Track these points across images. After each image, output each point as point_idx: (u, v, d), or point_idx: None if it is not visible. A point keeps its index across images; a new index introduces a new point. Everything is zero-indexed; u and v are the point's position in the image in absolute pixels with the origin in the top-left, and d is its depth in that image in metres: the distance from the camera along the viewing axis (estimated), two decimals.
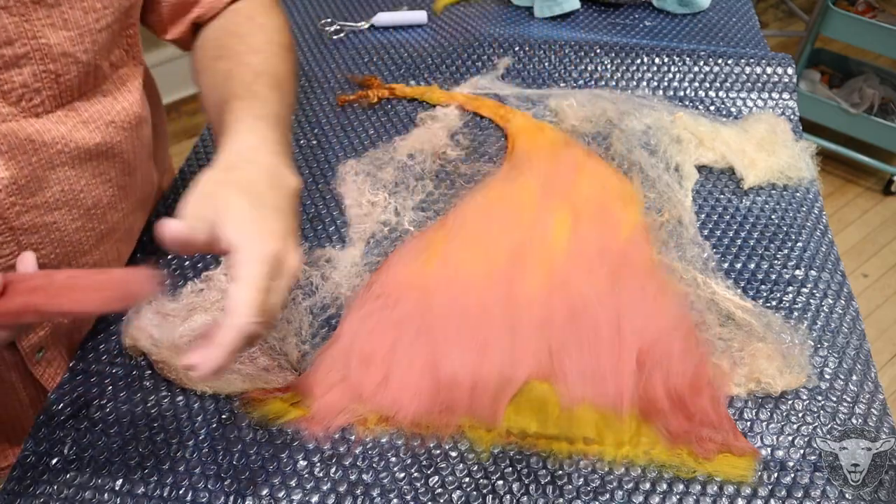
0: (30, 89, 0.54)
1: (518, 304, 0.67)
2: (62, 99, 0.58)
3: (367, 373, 0.63)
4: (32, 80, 0.54)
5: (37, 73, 0.54)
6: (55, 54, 0.55)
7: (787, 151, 0.87)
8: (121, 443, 0.61)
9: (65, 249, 0.63)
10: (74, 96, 0.59)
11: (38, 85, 0.54)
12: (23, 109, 0.55)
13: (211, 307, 0.67)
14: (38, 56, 0.54)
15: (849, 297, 0.73)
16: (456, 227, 0.75)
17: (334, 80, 1.02)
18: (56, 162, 0.58)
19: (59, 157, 0.59)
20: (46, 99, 0.56)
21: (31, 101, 0.55)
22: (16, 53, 0.52)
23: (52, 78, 0.55)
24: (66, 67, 0.56)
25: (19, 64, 0.53)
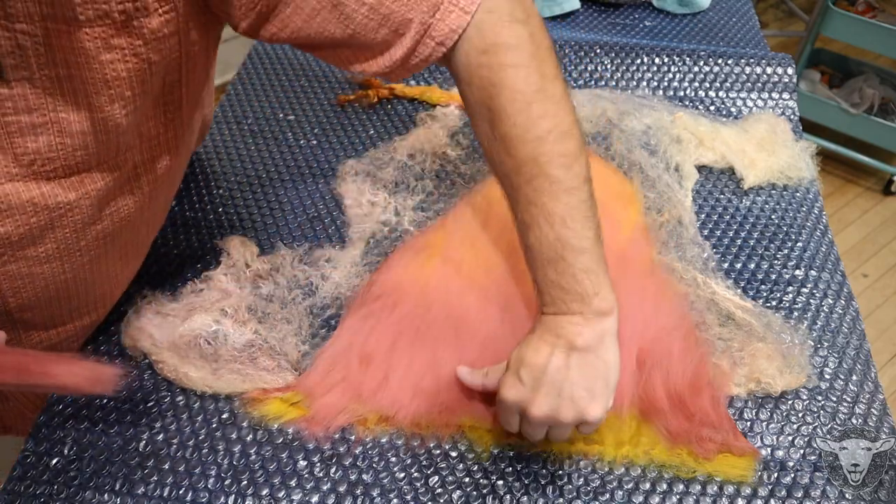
0: (42, 157, 0.52)
1: (518, 303, 0.67)
2: (77, 168, 0.55)
3: (367, 373, 0.63)
4: (47, 149, 0.52)
5: (52, 144, 0.52)
6: (73, 131, 0.52)
7: (787, 151, 0.87)
8: (121, 443, 0.61)
9: (46, 295, 0.60)
10: (91, 167, 0.55)
11: (52, 155, 0.52)
12: (33, 172, 0.52)
13: (211, 307, 0.67)
14: (55, 129, 0.51)
15: (849, 297, 0.73)
16: (456, 227, 0.75)
17: (334, 80, 1.02)
18: (56, 225, 0.56)
19: (61, 221, 0.56)
20: (60, 167, 0.53)
21: (42, 166, 0.52)
22: (33, 122, 0.50)
23: (67, 151, 0.53)
24: (84, 143, 0.53)
25: (35, 132, 0.50)
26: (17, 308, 0.59)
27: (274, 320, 0.67)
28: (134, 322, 0.66)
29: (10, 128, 0.49)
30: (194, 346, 0.64)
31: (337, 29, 0.56)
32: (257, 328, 0.66)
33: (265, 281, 0.71)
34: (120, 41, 0.49)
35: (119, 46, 0.50)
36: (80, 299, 0.63)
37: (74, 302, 0.63)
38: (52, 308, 0.62)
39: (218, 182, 0.85)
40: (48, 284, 0.59)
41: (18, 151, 0.51)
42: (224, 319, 0.66)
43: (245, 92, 1.01)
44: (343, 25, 0.56)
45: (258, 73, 1.04)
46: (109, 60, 0.50)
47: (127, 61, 0.51)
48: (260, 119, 0.95)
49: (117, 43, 0.49)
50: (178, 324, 0.65)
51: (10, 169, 0.51)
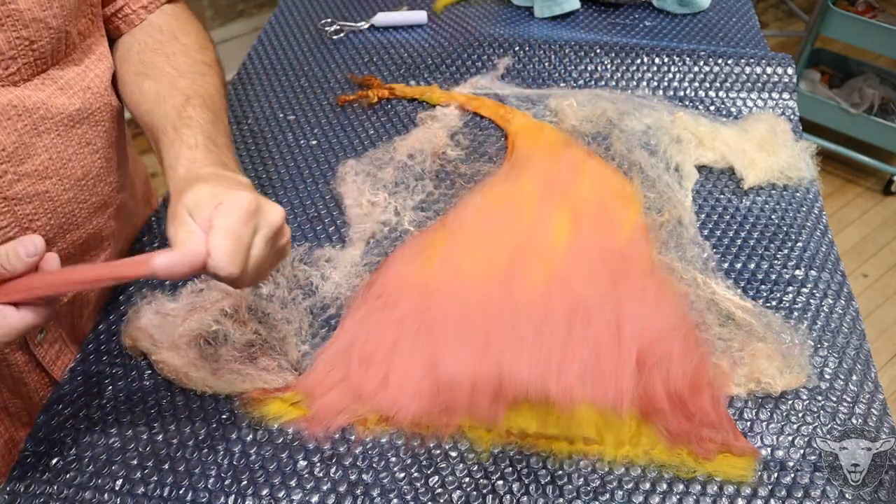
0: (5, 57, 0.57)
1: (518, 303, 0.67)
2: (37, 66, 0.60)
3: (367, 373, 0.63)
4: (7, 47, 0.56)
5: (11, 41, 0.56)
6: (27, 20, 0.57)
7: (787, 151, 0.87)
8: (121, 443, 0.61)
9: (59, 220, 0.65)
10: (49, 63, 0.61)
11: (13, 52, 0.57)
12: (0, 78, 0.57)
13: (211, 307, 0.67)
14: (10, 22, 0.56)
15: (849, 297, 0.73)
16: (456, 227, 0.75)
17: (334, 80, 1.02)
18: (41, 128, 0.61)
19: (43, 124, 0.61)
20: (22, 67, 0.58)
21: (7, 69, 0.57)
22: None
23: (25, 45, 0.58)
24: (39, 33, 0.58)
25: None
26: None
27: (274, 320, 0.67)
28: (134, 322, 0.66)
29: None
30: (194, 346, 0.64)
31: None
32: (257, 328, 0.66)
33: (265, 281, 0.71)
34: None
35: None
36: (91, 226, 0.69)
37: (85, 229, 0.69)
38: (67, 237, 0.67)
39: None
40: (55, 207, 0.64)
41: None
42: (224, 319, 0.66)
43: (245, 92, 1.01)
44: None
45: (258, 73, 1.04)
46: None
47: None
48: (260, 119, 0.95)
49: None
50: (178, 324, 0.65)
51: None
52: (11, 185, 0.60)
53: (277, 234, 0.54)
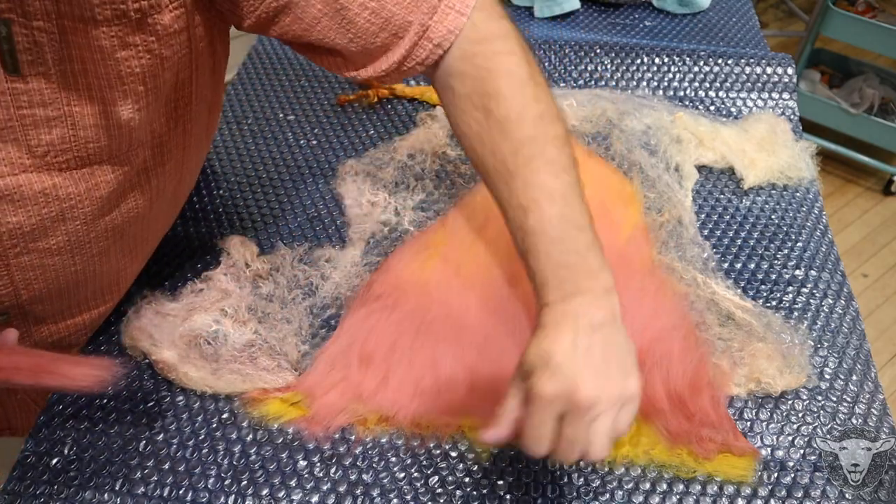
0: (56, 149, 0.53)
1: (518, 303, 0.67)
2: (88, 160, 0.55)
3: (367, 373, 0.63)
4: (60, 141, 0.52)
5: (65, 137, 0.52)
6: (86, 124, 0.53)
7: (787, 151, 0.87)
8: (121, 443, 0.61)
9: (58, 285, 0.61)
10: (103, 160, 0.56)
11: (65, 146, 0.53)
12: (46, 164, 0.53)
13: (211, 307, 0.67)
14: (69, 122, 0.52)
15: (849, 297, 0.73)
16: (456, 227, 0.75)
17: (334, 80, 1.02)
18: (67, 216, 0.57)
19: (72, 213, 0.57)
20: (72, 159, 0.54)
21: (55, 157, 0.53)
22: (47, 115, 0.51)
23: (80, 143, 0.54)
24: (97, 136, 0.54)
25: (49, 125, 0.51)
26: (28, 301, 0.60)
27: (274, 320, 0.67)
28: (134, 322, 0.66)
29: (24, 120, 0.50)
30: (194, 346, 0.64)
31: (338, 35, 0.56)
32: (257, 328, 0.66)
33: (265, 281, 0.71)
34: (135, 39, 0.50)
35: (134, 44, 0.50)
36: (89, 292, 0.64)
37: (83, 294, 0.64)
38: (62, 300, 0.63)
39: (218, 182, 0.85)
40: (58, 276, 0.60)
41: (32, 143, 0.52)
42: (224, 319, 0.66)
43: (245, 92, 1.01)
44: (344, 31, 0.56)
45: (258, 73, 1.04)
46: (124, 58, 0.50)
47: (140, 58, 0.51)
48: (260, 119, 0.95)
49: (132, 41, 0.50)
50: (178, 324, 0.65)
51: (23, 160, 0.52)
52: (18, 257, 0.56)
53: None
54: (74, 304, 0.64)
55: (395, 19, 0.56)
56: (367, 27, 0.56)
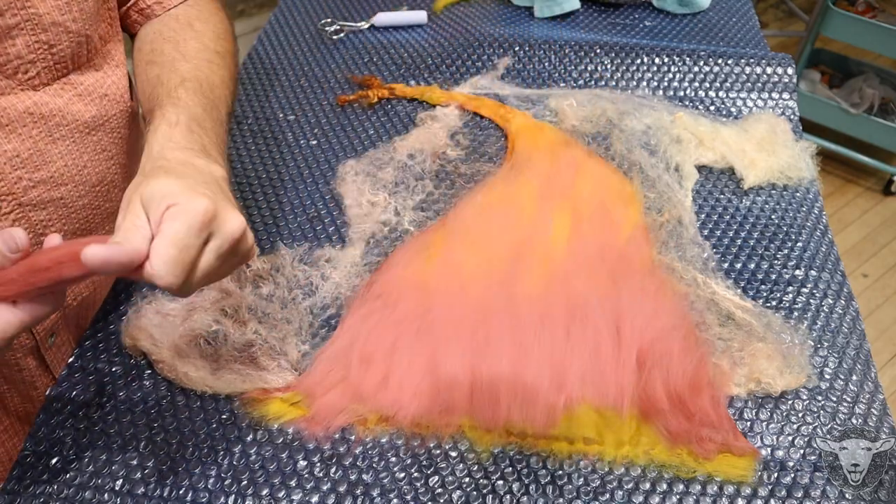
0: (24, 61, 0.55)
1: (518, 303, 0.67)
2: (57, 71, 0.59)
3: (367, 373, 0.63)
4: (26, 51, 0.55)
5: (30, 44, 0.55)
6: (46, 24, 0.56)
7: (787, 151, 0.87)
8: (121, 443, 0.61)
9: (74, 226, 0.64)
10: (69, 68, 0.60)
11: (32, 56, 0.56)
12: (19, 82, 0.56)
13: (211, 307, 0.67)
14: (29, 27, 0.55)
15: (849, 297, 0.73)
16: (456, 227, 0.75)
17: (334, 80, 1.02)
18: (56, 135, 0.60)
19: (59, 131, 0.60)
20: (42, 71, 0.57)
21: (26, 73, 0.56)
22: (7, 24, 0.53)
23: (45, 49, 0.57)
24: (58, 37, 0.57)
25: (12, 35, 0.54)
26: None
27: (274, 320, 0.67)
28: (134, 322, 0.66)
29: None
30: (194, 346, 0.64)
31: None
32: (257, 328, 0.66)
33: (265, 281, 0.71)
34: None
35: None
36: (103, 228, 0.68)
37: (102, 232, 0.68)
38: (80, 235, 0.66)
39: None
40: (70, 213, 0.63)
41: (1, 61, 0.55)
42: (224, 319, 0.66)
43: (245, 92, 1.01)
44: None
45: (258, 73, 1.04)
46: None
47: None
48: (260, 119, 0.95)
49: None
50: (178, 323, 0.65)
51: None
52: (26, 192, 0.59)
53: (235, 245, 0.50)
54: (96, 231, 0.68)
55: None
56: None
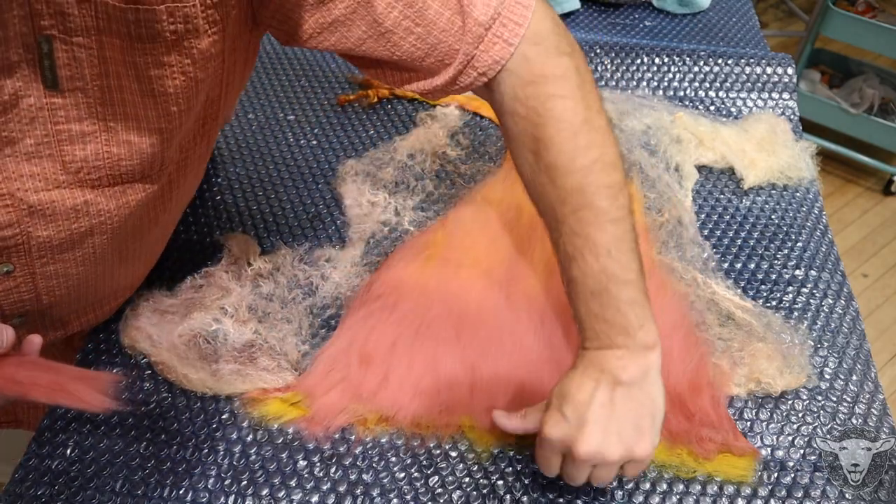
0: (89, 165, 0.53)
1: (518, 303, 0.67)
2: (121, 179, 0.56)
3: (367, 373, 0.63)
4: (94, 157, 0.53)
5: (99, 153, 0.53)
6: (120, 140, 0.53)
7: (787, 151, 0.87)
8: (121, 444, 0.61)
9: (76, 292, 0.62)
10: (134, 179, 0.57)
11: (98, 163, 0.54)
12: (80, 180, 0.54)
13: (211, 305, 0.66)
14: (103, 138, 0.53)
15: (849, 297, 0.73)
16: (456, 227, 0.75)
17: (334, 80, 1.02)
18: (96, 231, 0.58)
19: (101, 228, 0.58)
20: (105, 176, 0.55)
21: (88, 174, 0.54)
22: (83, 131, 0.51)
23: (113, 161, 0.54)
24: (129, 154, 0.55)
25: (84, 141, 0.52)
26: (48, 305, 0.60)
27: (274, 320, 0.67)
28: (132, 322, 0.66)
29: (60, 136, 0.51)
30: (193, 346, 0.64)
31: (383, 54, 0.57)
32: (257, 328, 0.66)
33: (265, 280, 0.71)
34: (170, 59, 0.50)
35: (168, 64, 0.51)
36: (106, 292, 0.65)
37: (100, 295, 0.65)
38: (79, 302, 0.64)
39: (218, 182, 0.85)
40: (80, 283, 0.61)
41: (67, 159, 0.52)
42: (224, 318, 0.66)
43: (245, 92, 1.01)
44: (389, 52, 0.56)
45: (258, 73, 1.04)
46: (157, 76, 0.51)
47: (175, 78, 0.52)
48: (260, 119, 0.95)
49: (166, 60, 0.50)
50: (178, 322, 0.65)
51: (57, 176, 0.53)
52: (44, 266, 0.57)
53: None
54: (89, 305, 0.65)
55: (441, 47, 0.56)
56: (412, 51, 0.56)
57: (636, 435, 0.53)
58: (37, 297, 0.59)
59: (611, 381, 0.54)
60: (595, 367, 0.54)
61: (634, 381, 0.54)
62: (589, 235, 0.55)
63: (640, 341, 0.55)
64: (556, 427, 0.53)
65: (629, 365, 0.54)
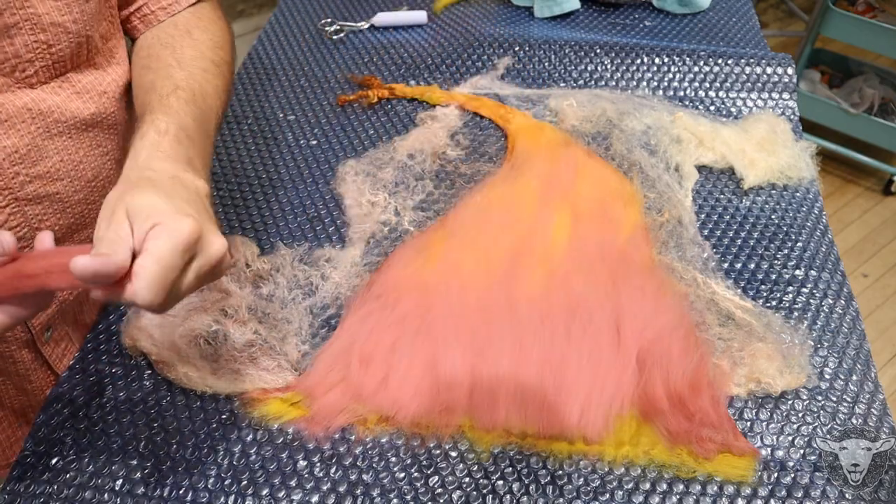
0: (22, 60, 0.55)
1: (518, 303, 0.67)
2: (55, 70, 0.59)
3: (367, 373, 0.63)
4: (24, 50, 0.55)
5: (28, 44, 0.55)
6: (45, 24, 0.56)
7: (787, 151, 0.87)
8: (121, 443, 0.61)
9: (69, 221, 0.64)
10: (67, 68, 0.60)
11: (30, 56, 0.56)
12: (17, 80, 0.56)
13: (211, 307, 0.67)
14: (28, 26, 0.54)
15: (849, 297, 0.73)
16: (456, 227, 0.75)
17: (334, 80, 1.02)
18: (53, 131, 0.60)
19: (56, 127, 0.60)
20: (40, 70, 0.57)
21: (24, 71, 0.56)
22: (6, 23, 0.53)
23: (43, 48, 0.56)
24: (57, 37, 0.57)
25: (10, 34, 0.53)
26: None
27: (274, 320, 0.67)
28: (134, 322, 0.66)
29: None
30: (194, 346, 0.64)
31: None
32: (257, 328, 0.66)
33: (265, 281, 0.71)
34: None
35: None
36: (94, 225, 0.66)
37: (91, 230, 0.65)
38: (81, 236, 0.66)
39: (218, 182, 0.85)
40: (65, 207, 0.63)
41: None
42: (224, 319, 0.66)
43: (245, 92, 1.01)
44: None
45: (258, 73, 1.04)
46: None
47: None
48: (260, 119, 0.95)
49: None
50: (178, 323, 0.65)
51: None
52: (23, 187, 0.59)
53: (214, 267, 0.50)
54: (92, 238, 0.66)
55: None
56: None
57: None
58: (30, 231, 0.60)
59: None
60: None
61: None
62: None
63: None
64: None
65: None
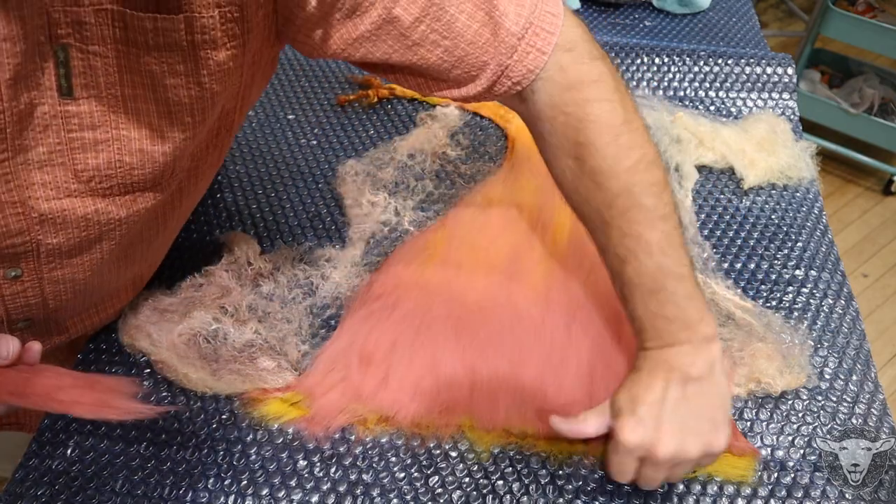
0: (101, 174, 0.53)
1: (518, 303, 0.67)
2: (132, 188, 0.56)
3: (367, 373, 0.63)
4: (106, 166, 0.53)
5: (112, 162, 0.53)
6: (133, 149, 0.53)
7: (787, 151, 0.87)
8: (121, 444, 0.61)
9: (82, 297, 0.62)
10: (145, 188, 0.57)
11: (110, 172, 0.53)
12: (91, 189, 0.54)
13: (211, 304, 0.66)
14: (116, 147, 0.52)
15: (849, 297, 0.73)
16: (456, 227, 0.75)
17: (334, 80, 1.02)
18: (105, 238, 0.58)
19: (110, 235, 0.58)
20: (117, 185, 0.55)
21: (100, 183, 0.54)
22: (96, 139, 0.51)
23: (125, 170, 0.54)
24: (142, 163, 0.54)
25: (98, 149, 0.52)
26: (53, 310, 0.60)
27: (274, 320, 0.67)
28: (131, 320, 0.66)
29: (73, 143, 0.51)
30: (193, 346, 0.64)
31: (410, 66, 0.57)
32: (257, 327, 0.66)
33: (266, 280, 0.71)
34: (185, 68, 0.50)
35: (184, 73, 0.50)
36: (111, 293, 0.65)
37: (104, 296, 0.65)
38: (83, 305, 0.64)
39: (218, 182, 0.85)
40: (86, 287, 0.61)
41: (79, 168, 0.52)
42: (224, 318, 0.66)
43: None
44: (416, 64, 0.56)
45: None
46: (173, 86, 0.51)
47: (189, 88, 0.51)
48: (260, 119, 0.95)
49: (182, 70, 0.50)
50: (177, 321, 0.65)
51: (69, 185, 0.53)
52: (51, 272, 0.57)
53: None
54: (92, 307, 0.65)
55: (469, 59, 0.55)
56: (440, 64, 0.56)
57: (712, 429, 0.53)
58: (43, 302, 0.59)
59: (681, 378, 0.54)
60: (662, 365, 0.55)
61: (703, 374, 0.54)
62: (640, 235, 0.55)
63: (701, 334, 0.55)
64: (633, 432, 0.53)
65: (696, 359, 0.54)
